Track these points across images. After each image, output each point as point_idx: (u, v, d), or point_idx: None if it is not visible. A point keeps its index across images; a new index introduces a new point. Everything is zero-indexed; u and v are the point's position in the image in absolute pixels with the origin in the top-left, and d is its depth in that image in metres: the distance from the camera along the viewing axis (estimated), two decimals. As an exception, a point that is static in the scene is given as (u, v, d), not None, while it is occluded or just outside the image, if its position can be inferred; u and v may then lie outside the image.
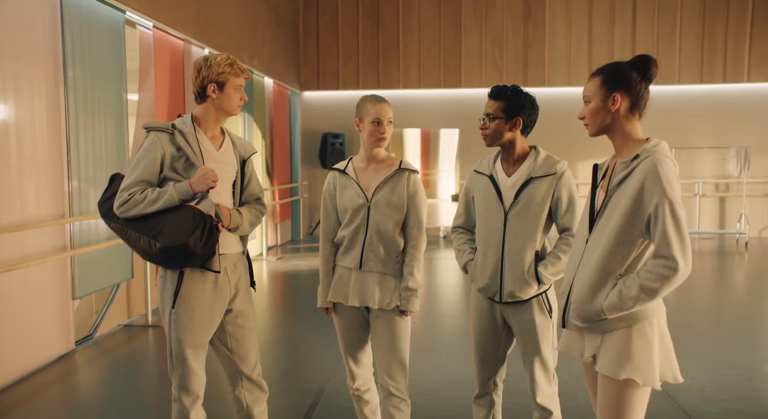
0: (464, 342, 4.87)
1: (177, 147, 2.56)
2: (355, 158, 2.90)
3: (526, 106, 2.60)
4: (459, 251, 2.80)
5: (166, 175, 2.56)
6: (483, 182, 2.70)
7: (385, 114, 2.79)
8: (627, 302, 1.96)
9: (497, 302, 2.66)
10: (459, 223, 2.87)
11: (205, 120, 2.66)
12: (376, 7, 11.29)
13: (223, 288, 2.66)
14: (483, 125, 2.64)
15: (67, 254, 4.55)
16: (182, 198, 2.49)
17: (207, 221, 2.46)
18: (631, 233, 1.98)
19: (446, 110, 11.42)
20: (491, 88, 2.62)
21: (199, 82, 2.61)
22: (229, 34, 7.88)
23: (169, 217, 2.48)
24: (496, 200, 2.63)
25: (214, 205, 2.53)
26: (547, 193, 2.58)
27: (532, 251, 2.59)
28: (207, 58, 2.62)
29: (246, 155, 2.80)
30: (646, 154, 2.00)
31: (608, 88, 2.07)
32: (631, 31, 11.08)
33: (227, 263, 2.68)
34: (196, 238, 2.43)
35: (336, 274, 2.89)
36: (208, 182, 2.51)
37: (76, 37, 4.69)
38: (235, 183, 2.77)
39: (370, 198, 2.79)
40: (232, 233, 2.68)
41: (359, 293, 2.81)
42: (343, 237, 2.86)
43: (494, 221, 2.63)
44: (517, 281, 2.58)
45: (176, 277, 2.57)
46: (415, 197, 2.81)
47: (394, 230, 2.78)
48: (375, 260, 2.78)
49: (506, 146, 2.64)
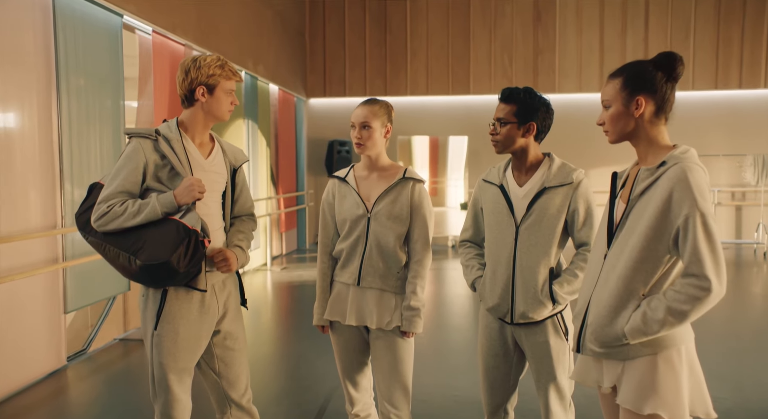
0: (473, 358, 4.64)
1: (161, 155, 2.36)
2: (357, 165, 2.71)
3: (540, 109, 2.39)
4: (467, 267, 2.59)
5: (148, 185, 2.37)
6: (492, 192, 2.49)
7: (356, 117, 2.59)
8: (652, 326, 1.75)
9: (508, 323, 2.44)
10: (467, 236, 2.65)
11: (192, 125, 2.47)
12: (384, 13, 11.13)
13: (211, 308, 2.46)
14: (493, 130, 2.43)
15: (59, 266, 4.37)
16: (166, 211, 2.29)
17: (192, 237, 2.26)
18: (657, 249, 1.77)
19: (455, 117, 11.23)
20: (502, 90, 2.42)
21: (187, 84, 2.42)
22: (232, 40, 7.73)
23: (151, 232, 2.28)
24: (507, 211, 2.42)
25: (201, 218, 2.33)
26: (562, 204, 2.37)
27: (546, 268, 2.37)
28: (196, 58, 2.43)
29: (237, 164, 2.61)
30: (674, 161, 1.79)
31: (630, 90, 1.86)
32: (643, 38, 10.86)
33: (215, 280, 2.48)
34: (180, 255, 2.23)
35: (333, 290, 2.69)
36: (195, 193, 2.31)
37: (70, 41, 4.52)
38: (225, 194, 2.57)
39: (370, 209, 2.60)
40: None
41: (357, 311, 2.61)
42: (341, 250, 2.66)
43: (505, 234, 2.42)
44: (530, 300, 2.36)
45: (159, 296, 2.37)
46: (420, 209, 2.61)
47: (396, 244, 2.58)
48: (374, 276, 2.58)
49: (518, 153, 2.43)
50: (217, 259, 2.42)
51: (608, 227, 1.92)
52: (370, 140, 2.58)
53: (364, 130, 2.58)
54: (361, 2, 11.12)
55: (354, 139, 2.60)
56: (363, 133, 2.58)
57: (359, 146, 2.59)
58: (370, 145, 2.59)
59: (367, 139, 2.58)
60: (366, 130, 2.58)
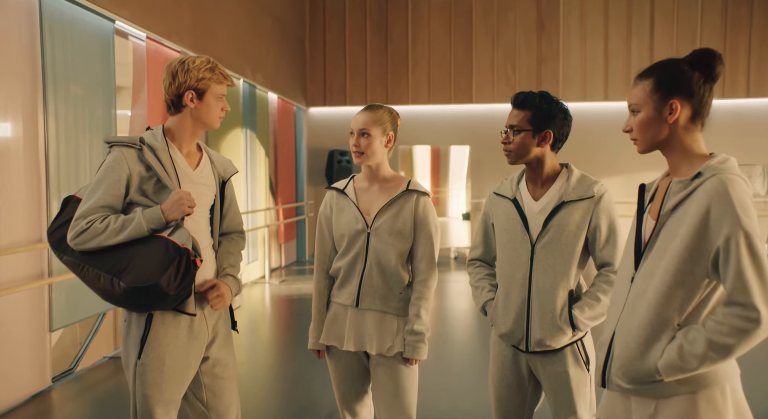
0: (480, 379, 4.41)
1: (146, 166, 2.16)
2: (358, 176, 2.51)
3: (558, 116, 2.19)
4: (476, 289, 2.37)
5: (132, 199, 2.16)
6: (505, 206, 2.28)
7: (355, 123, 2.40)
8: (690, 362, 1.53)
9: (523, 351, 2.23)
10: (476, 255, 2.44)
11: (179, 134, 2.26)
12: (385, 21, 10.97)
13: (200, 333, 2.25)
14: (505, 138, 2.22)
15: (45, 281, 4.16)
16: (152, 227, 2.08)
17: (183, 256, 2.05)
18: (693, 272, 1.55)
19: (457, 127, 11.04)
20: (515, 95, 2.22)
21: (174, 89, 2.22)
22: (229, 47, 7.55)
23: (137, 251, 2.07)
24: (521, 228, 2.21)
25: (191, 236, 2.12)
26: (582, 220, 2.15)
27: (564, 291, 2.16)
28: (184, 61, 2.23)
29: (226, 176, 2.41)
30: (711, 172, 1.57)
31: (663, 93, 1.65)
32: (648, 46, 10.68)
33: (204, 303, 2.27)
34: (170, 276, 2.02)
35: (330, 311, 2.49)
36: (184, 207, 2.11)
37: (58, 47, 4.33)
38: (213, 208, 2.37)
39: (370, 223, 2.39)
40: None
41: (356, 336, 2.40)
42: (338, 269, 2.45)
43: (519, 253, 2.20)
44: (547, 326, 2.15)
45: (143, 321, 2.16)
46: (425, 224, 2.40)
47: (398, 262, 2.37)
48: (374, 297, 2.38)
49: (533, 163, 2.23)
50: (211, 296, 2.23)
51: (635, 246, 1.70)
52: (369, 148, 2.38)
53: (363, 137, 2.38)
54: (362, 10, 10.97)
55: (352, 147, 2.40)
56: (361, 140, 2.38)
57: (357, 155, 2.39)
58: (369, 154, 2.39)
59: (365, 147, 2.38)
60: (365, 137, 2.38)
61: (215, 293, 2.24)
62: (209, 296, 2.23)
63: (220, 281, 2.29)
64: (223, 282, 2.29)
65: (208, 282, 2.25)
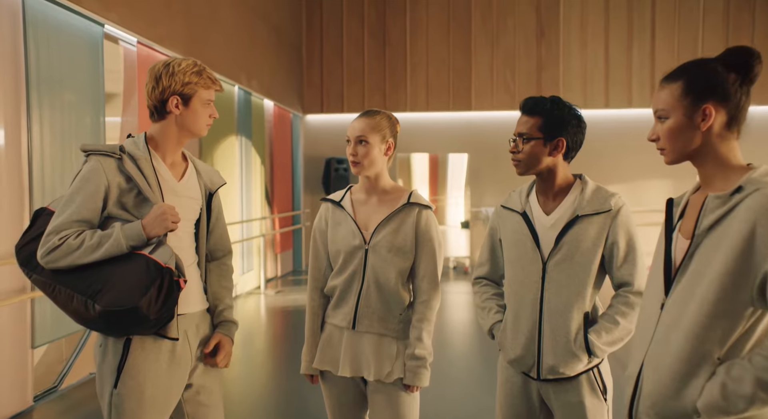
0: (485, 401, 4.23)
1: (126, 177, 1.98)
2: (355, 187, 2.33)
3: (571, 122, 2.02)
4: (483, 310, 2.19)
5: (110, 213, 1.98)
6: (514, 221, 2.10)
7: (352, 130, 2.23)
8: (736, 404, 1.34)
9: (534, 378, 2.04)
10: (482, 273, 2.26)
11: (163, 142, 2.09)
12: (383, 28, 10.83)
13: (183, 359, 2.06)
14: (514, 147, 2.05)
15: (27, 296, 3.97)
16: (132, 244, 1.91)
17: (165, 276, 1.87)
18: (736, 300, 1.37)
19: (455, 134, 10.89)
20: (524, 100, 2.05)
21: (158, 94, 2.04)
22: (224, 53, 7.38)
23: (114, 270, 1.89)
24: (532, 244, 2.03)
25: (174, 253, 1.95)
26: (598, 236, 1.98)
27: (579, 313, 1.98)
28: (168, 63, 2.05)
29: (213, 188, 2.23)
30: (754, 186, 1.39)
31: (695, 97, 1.47)
32: (650, 51, 10.56)
33: (188, 325, 2.09)
34: (151, 299, 1.84)
35: (324, 333, 2.31)
36: (167, 223, 1.93)
37: (43, 51, 4.16)
38: (199, 223, 2.19)
39: (368, 239, 2.22)
40: None
41: (352, 361, 2.22)
42: (334, 287, 2.28)
43: (529, 272, 2.03)
44: (561, 352, 1.97)
45: (120, 347, 1.98)
46: (427, 240, 2.23)
47: (398, 281, 2.20)
48: (372, 318, 2.20)
49: (544, 174, 2.05)
50: (220, 359, 2.15)
51: (666, 268, 1.52)
52: (366, 157, 2.21)
53: (361, 145, 2.21)
54: (360, 16, 10.83)
55: (349, 156, 2.23)
56: (359, 149, 2.21)
57: (355, 165, 2.22)
58: (366, 163, 2.21)
59: (363, 156, 2.21)
60: (362, 145, 2.21)
61: (223, 353, 2.16)
62: (218, 359, 2.15)
63: (223, 335, 2.19)
64: (226, 337, 2.19)
65: (212, 341, 2.15)
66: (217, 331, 2.20)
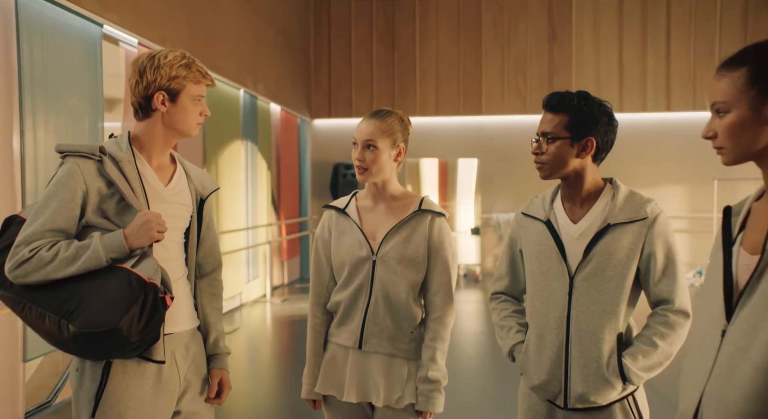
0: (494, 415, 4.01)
1: (107, 181, 1.79)
2: (361, 193, 2.13)
3: (601, 120, 1.81)
4: (502, 329, 1.98)
5: (89, 221, 1.79)
6: (536, 230, 1.89)
7: (359, 133, 2.04)
8: None
9: (560, 407, 1.83)
10: (501, 287, 2.05)
11: (149, 143, 1.90)
12: (392, 31, 10.66)
13: (170, 383, 1.86)
14: (537, 148, 1.84)
15: (19, 307, 3.78)
16: (113, 257, 1.71)
17: (149, 293, 1.67)
18: None
19: (466, 139, 10.71)
20: (549, 96, 1.84)
21: (142, 89, 1.85)
22: (229, 56, 7.22)
23: (92, 286, 1.69)
24: (557, 257, 1.82)
25: (160, 267, 1.75)
26: (632, 247, 1.77)
27: (612, 334, 1.77)
28: (153, 56, 1.86)
29: (205, 193, 2.03)
30: None
31: (763, 87, 1.25)
32: (665, 55, 10.32)
33: (176, 345, 1.89)
34: (133, 319, 1.64)
35: (328, 353, 2.11)
36: (152, 232, 1.74)
37: (37, 52, 3.99)
38: (189, 232, 1.99)
39: (376, 250, 2.02)
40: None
41: (358, 384, 2.01)
42: (338, 303, 2.08)
43: (554, 287, 1.82)
44: (591, 378, 1.76)
45: (99, 371, 1.78)
46: (440, 251, 2.02)
47: (409, 296, 2.00)
48: (381, 337, 2.00)
49: (571, 178, 1.85)
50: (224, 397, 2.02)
51: (726, 289, 1.30)
52: (375, 164, 2.01)
53: (368, 150, 2.01)
54: (368, 20, 10.67)
55: (355, 161, 2.03)
56: (366, 154, 2.01)
57: (361, 171, 2.02)
58: (375, 171, 2.02)
59: (371, 162, 2.01)
60: (370, 151, 2.01)
61: (226, 392, 2.03)
62: (222, 399, 2.02)
63: (223, 371, 2.03)
64: (226, 372, 2.03)
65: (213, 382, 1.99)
66: (215, 367, 2.01)
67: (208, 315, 2.04)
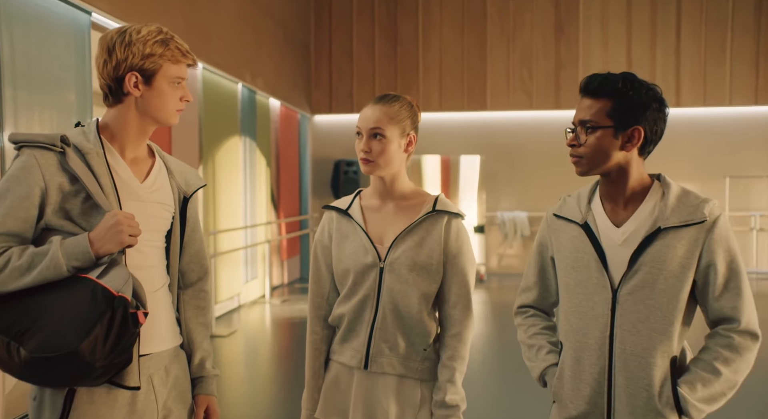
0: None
1: (71, 176, 1.53)
2: (366, 191, 1.88)
3: (650, 107, 1.55)
4: (530, 349, 1.72)
5: (49, 223, 1.53)
6: (571, 235, 1.63)
7: (364, 121, 1.79)
8: None
9: (602, 442, 1.57)
10: (529, 300, 1.79)
11: (121, 132, 1.64)
12: (394, 26, 10.40)
13: (146, 413, 1.60)
14: (573, 139, 1.58)
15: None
16: (75, 265, 1.46)
17: (117, 309, 1.41)
18: None
19: (470, 135, 10.48)
20: (588, 78, 1.58)
21: (111, 70, 1.59)
22: (226, 50, 6.96)
23: (50, 301, 1.44)
24: (597, 266, 1.56)
25: (132, 277, 1.49)
26: (688, 255, 1.51)
27: (665, 358, 1.51)
28: (124, 31, 1.60)
29: (189, 190, 1.77)
30: None
31: None
32: (675, 50, 10.06)
33: (154, 368, 1.63)
34: (97, 340, 1.38)
35: (329, 374, 1.85)
36: (123, 236, 1.48)
37: (18, 41, 3.73)
38: (170, 235, 1.73)
39: (383, 256, 1.77)
40: None
41: (365, 409, 1.77)
42: (341, 316, 1.83)
43: (594, 302, 1.56)
44: (641, 410, 1.50)
45: (60, 401, 1.51)
46: (458, 257, 1.78)
47: (422, 308, 1.75)
48: (390, 356, 1.75)
49: (613, 174, 1.59)
50: None
51: None
52: (383, 155, 1.76)
53: (375, 140, 1.76)
54: (370, 14, 10.41)
55: (359, 152, 1.78)
56: (373, 144, 1.76)
57: (366, 163, 1.77)
58: (382, 162, 1.77)
59: (378, 154, 1.76)
60: (377, 140, 1.76)
61: None
62: None
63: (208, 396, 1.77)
64: (213, 398, 1.78)
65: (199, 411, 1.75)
66: (201, 393, 1.76)
67: (193, 332, 1.79)
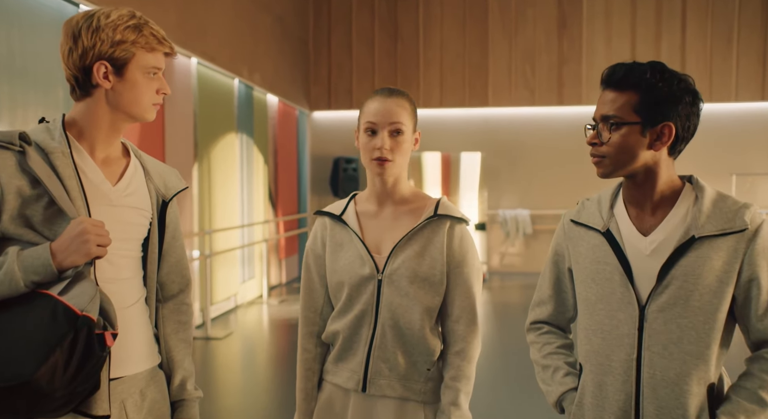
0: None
1: (32, 179, 1.36)
2: (361, 195, 1.71)
3: (683, 100, 1.38)
4: (546, 370, 1.55)
5: (6, 232, 1.36)
6: (592, 243, 1.46)
7: (381, 115, 1.60)
8: None
9: (628, 477, 1.40)
10: (543, 315, 1.62)
11: (90, 129, 1.46)
12: (394, 21, 10.23)
13: None
14: (595, 136, 1.41)
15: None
16: (34, 280, 1.29)
17: (81, 330, 1.25)
18: None
19: (471, 131, 10.32)
20: (611, 67, 1.41)
21: (77, 59, 1.43)
22: (222, 45, 6.78)
23: (2, 321, 1.27)
24: (622, 279, 1.39)
25: (100, 293, 1.32)
26: (727, 269, 1.34)
27: (701, 385, 1.34)
28: (92, 15, 1.43)
29: (168, 194, 1.60)
30: None
31: None
32: (680, 45, 9.88)
33: (127, 393, 1.46)
34: (57, 366, 1.22)
35: (323, 396, 1.69)
36: (90, 246, 1.30)
37: (3, 35, 3.57)
38: (148, 244, 1.56)
39: (382, 267, 1.60)
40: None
41: None
42: (335, 333, 1.66)
43: (619, 320, 1.39)
44: (673, 443, 1.33)
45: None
46: (463, 267, 1.61)
47: (424, 323, 1.58)
48: (390, 377, 1.59)
49: (639, 176, 1.41)
50: None
51: None
52: (402, 153, 1.61)
53: (395, 137, 1.60)
54: (370, 9, 10.24)
55: (374, 151, 1.60)
56: (395, 141, 1.60)
57: (381, 163, 1.60)
58: (401, 161, 1.61)
59: (398, 152, 1.59)
60: (397, 137, 1.60)
61: None
62: None
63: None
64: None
65: None
66: (182, 418, 1.59)
67: (173, 350, 1.61)
